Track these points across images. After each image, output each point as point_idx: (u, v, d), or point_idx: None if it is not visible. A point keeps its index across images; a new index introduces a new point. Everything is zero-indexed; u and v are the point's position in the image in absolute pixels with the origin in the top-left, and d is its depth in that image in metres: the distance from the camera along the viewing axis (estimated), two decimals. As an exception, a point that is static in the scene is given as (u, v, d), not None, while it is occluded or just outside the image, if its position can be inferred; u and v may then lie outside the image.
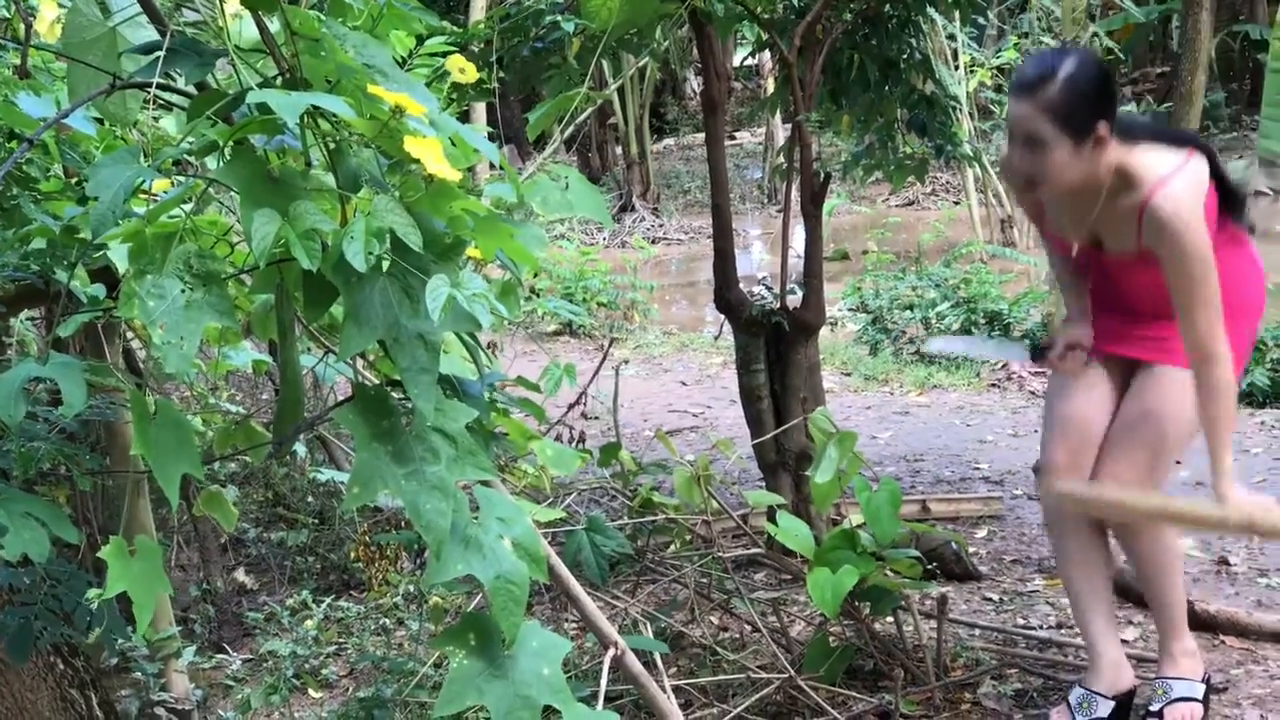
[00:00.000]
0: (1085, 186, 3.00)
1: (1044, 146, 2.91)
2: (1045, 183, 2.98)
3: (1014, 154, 3.00)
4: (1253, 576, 4.55)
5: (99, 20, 2.06)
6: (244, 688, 4.31)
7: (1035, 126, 2.89)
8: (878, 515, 3.56)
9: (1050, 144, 2.90)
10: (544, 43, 4.50)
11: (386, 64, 1.91)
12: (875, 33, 4.94)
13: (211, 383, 5.41)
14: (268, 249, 1.68)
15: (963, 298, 9.83)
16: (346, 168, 1.86)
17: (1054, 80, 2.87)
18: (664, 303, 13.88)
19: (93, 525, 4.59)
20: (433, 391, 1.81)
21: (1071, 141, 2.90)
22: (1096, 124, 2.89)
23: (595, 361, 6.78)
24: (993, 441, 7.01)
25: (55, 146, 2.83)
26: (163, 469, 1.90)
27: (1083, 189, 3.01)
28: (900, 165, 5.49)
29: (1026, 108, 2.90)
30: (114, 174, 1.77)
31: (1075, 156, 2.92)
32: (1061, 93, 2.87)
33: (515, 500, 2.21)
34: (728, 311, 4.92)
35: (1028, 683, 3.71)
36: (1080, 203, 3.06)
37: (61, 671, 2.89)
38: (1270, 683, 3.64)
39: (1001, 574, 4.73)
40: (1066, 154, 2.91)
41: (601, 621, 2.41)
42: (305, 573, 5.32)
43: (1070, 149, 2.90)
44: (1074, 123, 2.88)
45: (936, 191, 19.77)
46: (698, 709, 3.59)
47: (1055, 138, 2.89)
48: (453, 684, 1.99)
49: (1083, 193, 3.02)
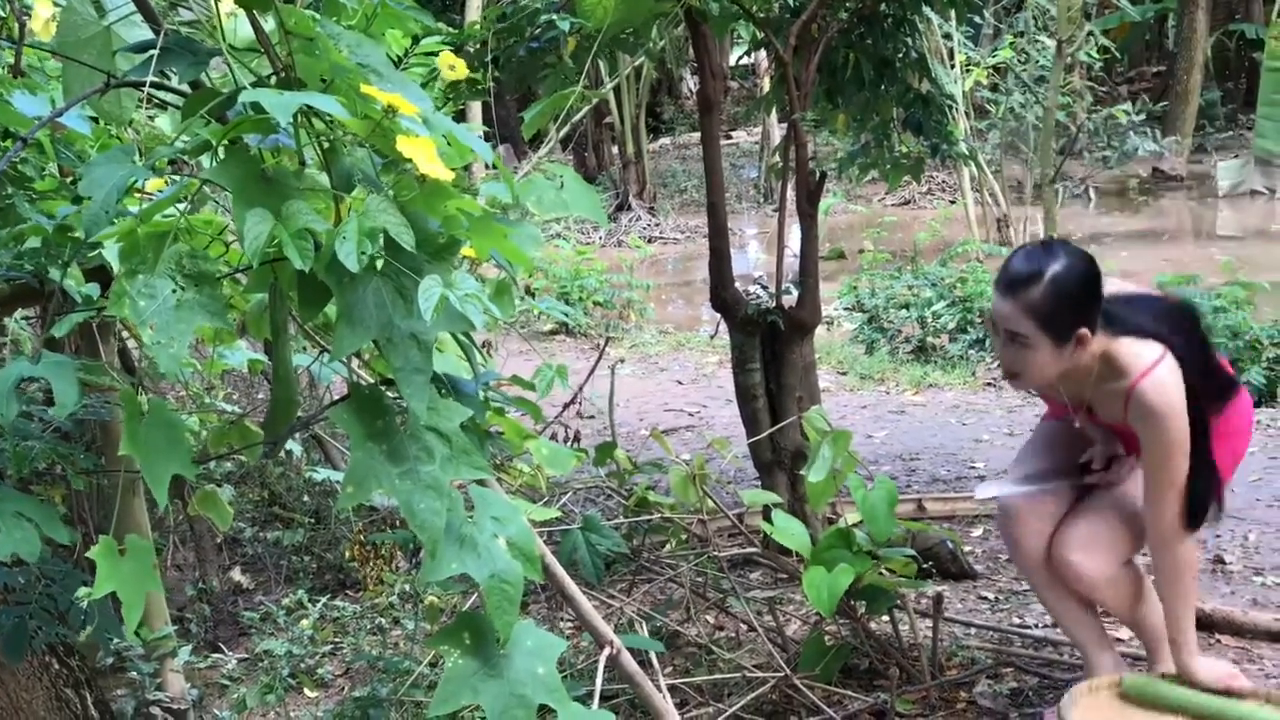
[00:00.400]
0: (1070, 376, 3.04)
1: (1025, 344, 2.93)
2: (1025, 377, 3.02)
3: (997, 345, 3.05)
4: (1248, 575, 4.55)
5: (94, 19, 2.06)
6: (240, 687, 4.31)
7: (1018, 325, 2.92)
8: (873, 514, 3.56)
9: (1032, 342, 2.92)
10: (539, 42, 4.50)
11: (381, 63, 1.91)
12: (871, 32, 4.95)
13: (207, 382, 5.41)
14: (260, 249, 1.68)
15: (958, 297, 9.83)
16: (340, 167, 1.86)
17: (1039, 282, 2.88)
18: (660, 302, 13.88)
19: (88, 524, 4.58)
20: (426, 391, 1.81)
21: (1052, 343, 2.92)
22: (1078, 329, 2.91)
23: (592, 361, 6.78)
24: (988, 440, 7.01)
25: (50, 145, 2.83)
26: (152, 469, 1.90)
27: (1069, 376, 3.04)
28: (896, 164, 5.49)
29: (1010, 306, 2.91)
30: (107, 173, 1.77)
31: (1056, 355, 2.94)
32: (1046, 296, 2.88)
33: (510, 499, 2.21)
34: (723, 310, 4.92)
35: (1023, 681, 3.71)
36: (1071, 382, 3.09)
37: (57, 671, 2.89)
38: (1266, 681, 3.64)
39: (997, 573, 4.74)
40: (1047, 354, 2.93)
41: (597, 620, 2.41)
42: (301, 572, 5.32)
43: (1051, 349, 2.93)
44: (1056, 325, 2.90)
45: (932, 190, 19.79)
46: (693, 708, 3.59)
47: (1037, 337, 2.91)
48: (448, 683, 2.00)
49: (1070, 377, 3.05)
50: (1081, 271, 2.92)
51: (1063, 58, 9.81)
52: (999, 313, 2.95)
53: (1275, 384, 7.67)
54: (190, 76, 1.90)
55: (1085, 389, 3.07)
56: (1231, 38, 22.45)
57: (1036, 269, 2.90)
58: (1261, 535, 4.99)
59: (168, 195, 1.80)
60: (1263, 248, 15.16)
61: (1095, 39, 14.92)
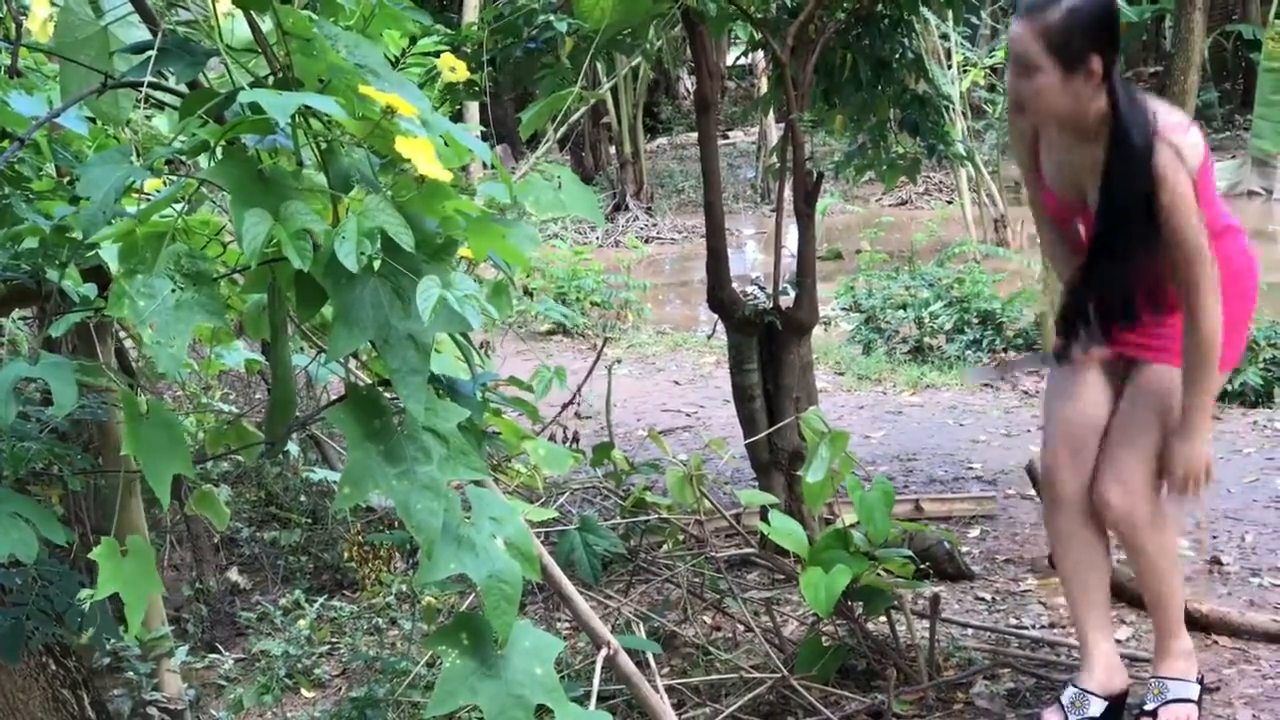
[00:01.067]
0: (1075, 126, 2.98)
1: (1035, 71, 2.89)
2: (1031, 108, 2.97)
3: (1008, 73, 2.99)
4: (1245, 576, 4.56)
5: (91, 19, 2.06)
6: (237, 687, 4.31)
7: (1029, 50, 2.87)
8: (871, 515, 3.56)
9: (1041, 69, 2.88)
10: (537, 42, 4.51)
11: (379, 64, 1.90)
12: (868, 32, 4.95)
13: (205, 382, 5.40)
14: (259, 249, 1.68)
15: (956, 297, 9.83)
16: (339, 168, 1.85)
17: (1056, 6, 2.84)
18: (657, 302, 13.87)
19: (85, 525, 4.58)
20: (423, 393, 1.81)
21: (1062, 71, 2.87)
22: (1090, 57, 2.86)
23: (589, 361, 6.77)
24: (985, 441, 7.01)
25: (47, 145, 2.83)
26: (153, 469, 1.90)
27: (1074, 130, 2.99)
28: (892, 165, 5.49)
29: (1024, 29, 2.87)
30: (105, 174, 1.77)
31: (1065, 86, 2.89)
32: (1060, 20, 2.84)
33: (508, 500, 2.21)
34: (721, 311, 4.92)
35: (1020, 682, 3.71)
36: (1075, 146, 3.04)
37: (53, 671, 2.88)
38: (1262, 682, 3.65)
39: (994, 574, 4.74)
40: (1056, 83, 2.89)
41: (594, 621, 2.41)
42: (298, 572, 5.32)
43: (1060, 78, 2.88)
44: (1067, 52, 2.85)
45: (930, 191, 19.78)
46: (690, 708, 3.59)
47: (1047, 63, 2.87)
48: (445, 684, 1.99)
49: (1077, 125, 2.99)
50: (1101, 3, 2.88)
51: (1060, 58, 9.79)
52: (1013, 35, 2.90)
53: (1272, 385, 7.66)
54: (188, 77, 1.90)
55: (1088, 159, 3.02)
56: (1229, 38, 22.48)
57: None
58: (1259, 536, 4.99)
59: (165, 195, 1.80)
60: (1260, 248, 15.07)
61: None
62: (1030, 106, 2.96)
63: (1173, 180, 2.89)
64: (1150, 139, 2.90)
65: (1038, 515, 5.06)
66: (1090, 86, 2.90)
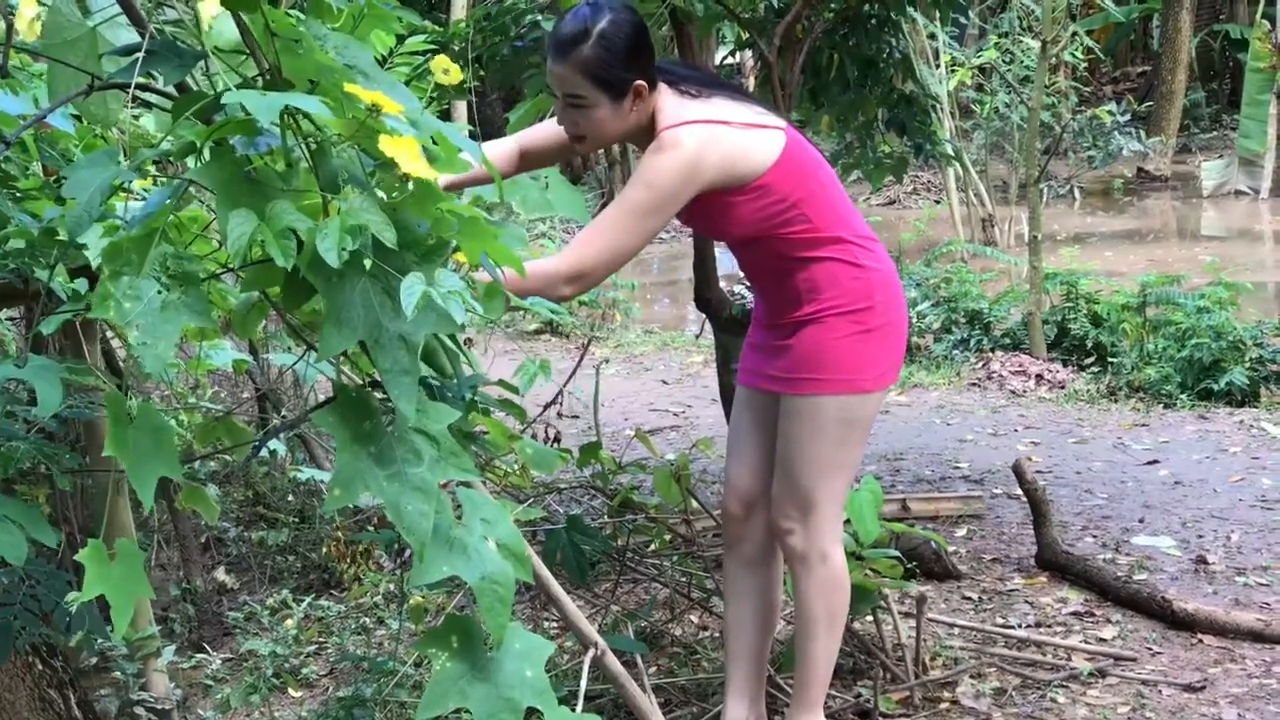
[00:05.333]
0: (642, 137, 2.97)
1: (585, 104, 2.89)
2: (595, 137, 2.96)
3: (559, 112, 2.97)
4: (1230, 575, 4.57)
5: (79, 20, 2.05)
6: (224, 687, 4.30)
7: (575, 87, 2.87)
8: (858, 514, 3.57)
9: (590, 101, 2.88)
10: (524, 42, 4.51)
11: (367, 64, 1.90)
12: (855, 32, 4.96)
13: (193, 380, 5.39)
14: (243, 248, 1.67)
15: (943, 297, 9.84)
16: (328, 168, 1.85)
17: (588, 40, 2.83)
18: (645, 301, 13.88)
19: (73, 524, 4.57)
20: (414, 393, 1.81)
21: (609, 99, 2.87)
22: (633, 81, 2.87)
23: (576, 360, 6.78)
24: (972, 441, 7.03)
25: (34, 145, 2.82)
26: (138, 472, 1.88)
27: (636, 139, 2.99)
28: (879, 164, 5.51)
29: (564, 68, 2.86)
30: (91, 175, 1.76)
31: (615, 112, 2.89)
32: (595, 53, 2.83)
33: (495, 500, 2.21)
34: (707, 310, 4.92)
35: (1006, 681, 3.73)
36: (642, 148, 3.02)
37: (40, 671, 2.88)
38: (1248, 681, 3.66)
39: (981, 573, 4.75)
40: (607, 111, 2.89)
41: (582, 621, 2.41)
42: (285, 572, 5.31)
43: (609, 106, 2.88)
44: (610, 81, 2.85)
45: (917, 190, 19.84)
46: (677, 707, 3.59)
47: (594, 95, 2.87)
48: (435, 687, 1.99)
49: (637, 139, 2.99)
50: (629, 24, 2.87)
51: (1047, 58, 9.82)
52: (555, 75, 2.89)
53: (1258, 384, 7.69)
54: (175, 79, 1.89)
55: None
56: (1216, 38, 22.54)
57: (584, 28, 2.84)
58: (1244, 535, 5.01)
59: (160, 207, 1.79)
60: (1246, 248, 15.22)
61: (1080, 39, 14.98)
62: (594, 136, 2.96)
63: (645, 163, 2.87)
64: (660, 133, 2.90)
65: (1025, 515, 5.07)
66: (641, 101, 2.90)
